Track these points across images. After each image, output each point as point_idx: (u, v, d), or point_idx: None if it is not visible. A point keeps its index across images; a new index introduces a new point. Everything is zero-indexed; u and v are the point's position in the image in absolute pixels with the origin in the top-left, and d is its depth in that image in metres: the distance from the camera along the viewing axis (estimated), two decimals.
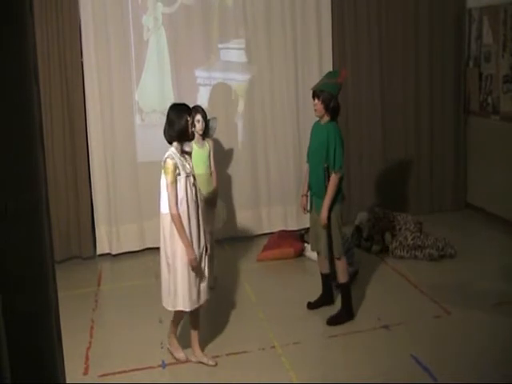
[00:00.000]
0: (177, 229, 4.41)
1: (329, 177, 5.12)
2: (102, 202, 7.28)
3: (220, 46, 7.55)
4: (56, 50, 6.87)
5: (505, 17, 7.36)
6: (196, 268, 4.49)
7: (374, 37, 7.91)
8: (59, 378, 1.50)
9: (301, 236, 7.23)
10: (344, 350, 4.98)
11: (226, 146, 7.51)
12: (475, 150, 8.28)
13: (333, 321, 5.28)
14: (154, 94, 7.39)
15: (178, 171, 4.42)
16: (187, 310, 4.57)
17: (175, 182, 4.41)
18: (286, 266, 6.77)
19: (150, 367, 4.75)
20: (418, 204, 8.17)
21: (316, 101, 5.14)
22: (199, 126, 5.81)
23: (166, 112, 4.69)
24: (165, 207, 4.47)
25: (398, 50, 8.01)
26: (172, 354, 4.82)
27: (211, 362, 4.72)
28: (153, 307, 5.69)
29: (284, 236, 7.30)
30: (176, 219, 4.39)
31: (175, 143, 4.53)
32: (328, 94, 5.08)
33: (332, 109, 5.12)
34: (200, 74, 7.52)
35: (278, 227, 7.71)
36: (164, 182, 4.45)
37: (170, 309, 4.63)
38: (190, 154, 4.83)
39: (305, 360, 4.77)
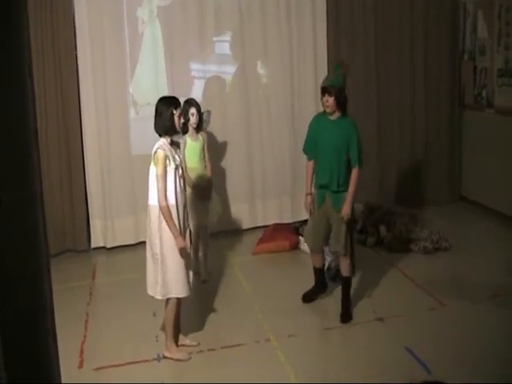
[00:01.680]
0: (166, 220, 4.44)
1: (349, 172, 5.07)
2: (96, 195, 7.27)
3: (215, 38, 7.53)
4: (50, 42, 6.83)
5: (499, 10, 7.36)
6: (187, 256, 4.58)
7: (370, 30, 7.90)
8: (54, 372, 1.50)
9: (296, 229, 7.24)
10: (339, 342, 5.00)
11: (221, 139, 7.50)
12: (470, 144, 8.30)
13: (347, 317, 5.26)
14: (149, 87, 7.35)
15: (168, 162, 4.46)
16: (184, 295, 4.62)
17: (165, 173, 4.45)
18: (281, 259, 6.77)
19: (145, 360, 4.75)
20: (412, 197, 8.17)
21: (327, 97, 4.98)
22: (193, 120, 5.80)
23: None
24: (153, 199, 4.52)
25: (393, 44, 8.00)
26: (172, 359, 4.75)
27: (194, 343, 4.91)
28: (147, 301, 5.67)
29: (279, 229, 7.30)
30: (165, 211, 4.42)
31: (164, 136, 4.57)
32: (338, 89, 4.97)
33: (343, 102, 5.02)
34: (195, 66, 7.51)
35: (272, 220, 7.71)
36: (153, 173, 4.50)
37: (158, 297, 4.65)
38: (178, 144, 4.85)
39: (300, 353, 4.77)
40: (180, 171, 4.59)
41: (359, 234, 7.08)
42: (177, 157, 4.59)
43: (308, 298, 5.58)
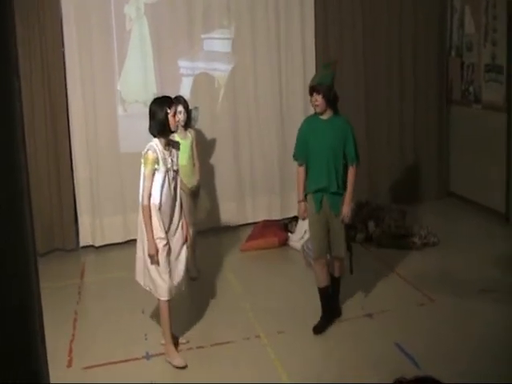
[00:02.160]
0: (144, 220, 4.46)
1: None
2: (84, 193, 7.23)
3: (203, 36, 7.51)
4: (37, 40, 6.79)
5: (486, 6, 7.38)
6: (154, 262, 4.49)
7: (358, 26, 7.90)
8: (43, 371, 1.49)
9: (284, 226, 7.25)
10: (328, 338, 4.99)
11: (209, 136, 7.48)
12: (457, 139, 8.33)
13: (337, 313, 5.24)
14: (137, 85, 7.34)
15: (157, 165, 4.42)
16: (164, 298, 4.57)
17: (152, 174, 4.42)
18: (270, 256, 6.77)
19: (135, 359, 4.74)
20: (401, 193, 8.19)
21: (316, 95, 4.79)
22: (181, 117, 5.79)
23: (148, 103, 4.68)
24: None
25: (381, 40, 8.01)
26: (170, 363, 4.64)
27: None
28: (136, 299, 5.69)
29: (268, 226, 7.30)
30: (145, 210, 4.43)
31: (158, 136, 4.51)
32: (327, 87, 4.78)
33: (333, 101, 4.84)
34: (183, 64, 7.48)
35: (261, 217, 7.70)
36: (142, 173, 4.50)
37: (147, 288, 4.68)
38: (177, 146, 4.75)
39: (289, 349, 4.77)
40: (172, 174, 4.55)
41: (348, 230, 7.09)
42: (170, 159, 4.53)
43: (318, 330, 5.03)
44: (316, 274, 5.11)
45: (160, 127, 4.48)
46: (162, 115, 4.45)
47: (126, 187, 7.19)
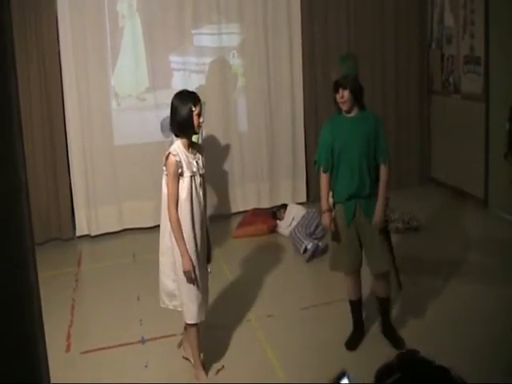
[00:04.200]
0: (174, 235, 3.81)
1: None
2: (80, 184, 7.23)
3: (194, 31, 7.48)
4: (34, 39, 6.77)
5: (465, 0, 7.39)
6: (191, 280, 3.90)
7: (342, 20, 7.90)
8: (42, 356, 1.50)
9: (273, 213, 7.26)
10: (315, 320, 5.01)
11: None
12: (438, 128, 8.36)
13: (400, 341, 4.41)
14: (130, 80, 7.31)
15: (180, 170, 3.81)
16: (193, 321, 4.06)
17: (177, 181, 3.81)
18: (259, 242, 6.79)
19: (130, 343, 4.75)
20: None
21: (342, 91, 4.16)
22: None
23: (141, 96, 4.51)
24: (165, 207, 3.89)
25: (365, 34, 8.01)
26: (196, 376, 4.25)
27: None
28: (131, 286, 5.72)
29: (257, 213, 7.32)
30: (174, 223, 3.79)
31: (180, 136, 3.91)
32: (354, 80, 4.26)
33: (361, 96, 4.27)
34: (174, 59, 7.46)
35: (251, 205, 7.72)
36: (165, 180, 3.87)
37: (178, 309, 4.11)
38: (201, 149, 4.09)
39: (279, 332, 4.80)
40: (199, 179, 3.92)
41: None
42: (194, 163, 3.89)
43: (352, 346, 4.49)
44: (347, 286, 4.54)
45: (183, 126, 3.85)
46: (185, 112, 3.81)
47: (120, 178, 7.23)
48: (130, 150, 7.31)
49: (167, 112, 4.06)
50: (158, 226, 4.13)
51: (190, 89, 4.23)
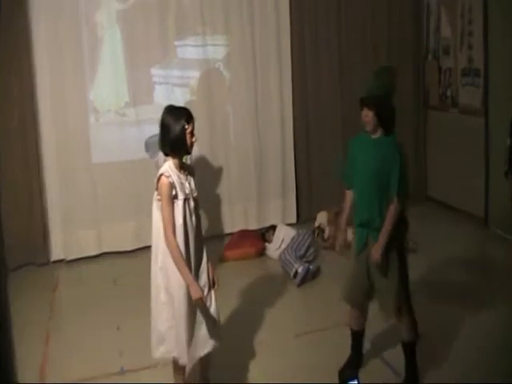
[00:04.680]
0: (176, 262, 3.63)
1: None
2: (56, 206, 7.16)
3: (177, 43, 7.49)
4: (4, 47, 6.67)
5: (462, 10, 7.47)
6: (204, 309, 3.84)
7: (332, 32, 7.96)
8: None
9: (262, 235, 7.25)
10: (308, 347, 4.99)
11: None
12: (435, 144, 8.41)
13: None
14: (109, 94, 7.28)
15: (174, 192, 3.66)
16: (181, 360, 3.88)
17: (172, 204, 3.64)
18: (247, 266, 6.77)
19: (109, 374, 4.70)
20: None
21: (366, 111, 4.06)
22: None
23: (120, 111, 4.46)
24: (157, 234, 3.71)
25: (357, 45, 8.07)
26: None
27: None
28: (110, 313, 5.66)
29: (245, 236, 7.29)
30: (173, 248, 3.61)
31: (171, 156, 3.75)
32: (381, 102, 4.11)
33: (388, 120, 4.14)
34: (156, 72, 7.46)
35: (238, 227, 7.71)
36: (156, 205, 3.72)
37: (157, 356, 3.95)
38: (192, 170, 3.95)
39: (271, 358, 4.77)
40: (192, 203, 3.77)
41: (326, 241, 7.11)
42: (187, 184, 3.75)
43: (345, 374, 4.35)
44: (349, 315, 4.46)
45: (175, 145, 3.69)
46: (177, 130, 3.64)
47: (99, 198, 7.17)
48: (109, 168, 7.27)
49: (149, 128, 4.02)
50: (139, 249, 4.09)
51: (174, 103, 4.15)
